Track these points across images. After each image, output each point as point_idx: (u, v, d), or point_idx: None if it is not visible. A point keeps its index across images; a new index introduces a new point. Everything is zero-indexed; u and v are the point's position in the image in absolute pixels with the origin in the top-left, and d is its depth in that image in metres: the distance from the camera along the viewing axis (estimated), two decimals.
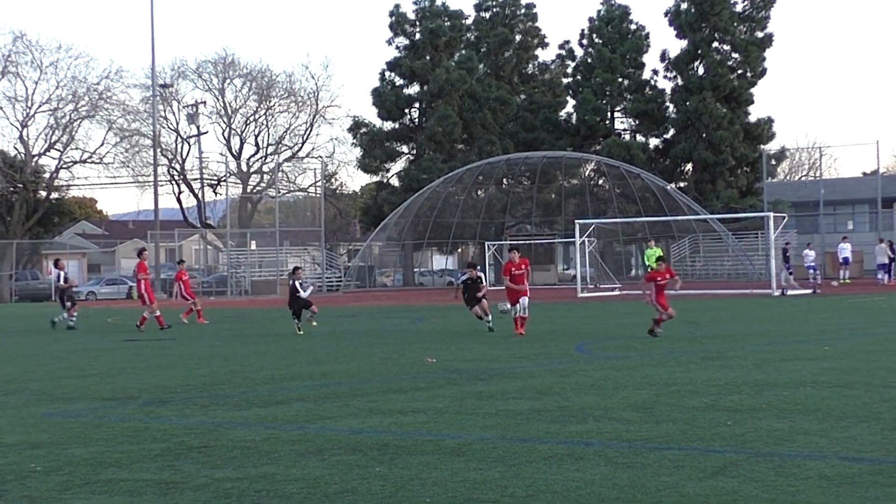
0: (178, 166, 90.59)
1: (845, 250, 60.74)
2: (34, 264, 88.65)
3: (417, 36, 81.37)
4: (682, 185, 76.58)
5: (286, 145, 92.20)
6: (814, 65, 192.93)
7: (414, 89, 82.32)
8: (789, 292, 47.61)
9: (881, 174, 79.41)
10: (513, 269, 25.66)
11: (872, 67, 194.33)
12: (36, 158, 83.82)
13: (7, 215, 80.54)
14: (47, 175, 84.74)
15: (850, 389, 14.16)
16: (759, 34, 77.35)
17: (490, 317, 26.87)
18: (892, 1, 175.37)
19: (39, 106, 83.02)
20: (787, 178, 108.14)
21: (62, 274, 35.35)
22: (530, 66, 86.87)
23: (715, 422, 11.77)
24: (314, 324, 31.25)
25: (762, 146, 77.14)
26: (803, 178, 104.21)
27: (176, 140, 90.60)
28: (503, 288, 26.64)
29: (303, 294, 29.28)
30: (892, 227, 71.84)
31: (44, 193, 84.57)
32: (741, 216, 65.66)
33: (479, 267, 29.61)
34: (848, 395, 13.59)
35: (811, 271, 53.11)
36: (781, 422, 11.67)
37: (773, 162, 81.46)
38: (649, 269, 45.47)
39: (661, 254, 46.00)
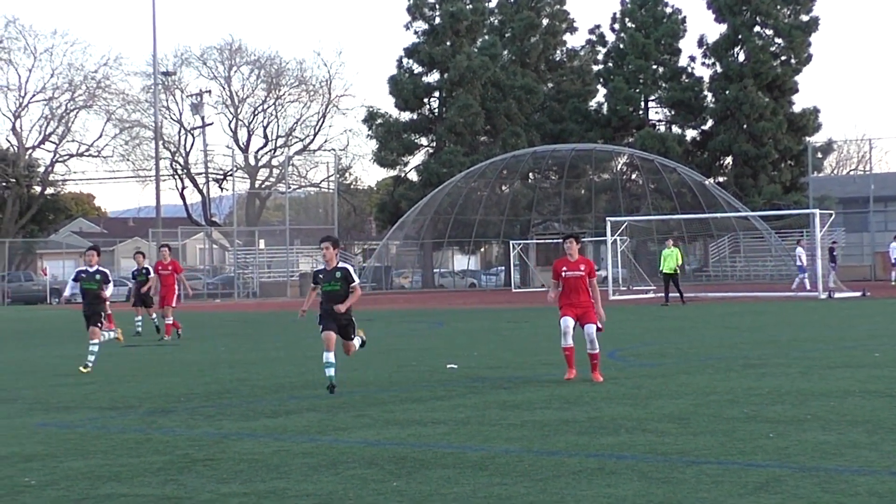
0: (181, 160, 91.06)
1: None
2: (28, 264, 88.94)
3: (437, 20, 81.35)
4: (721, 179, 76.40)
5: (297, 137, 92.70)
6: (863, 51, 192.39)
7: (433, 77, 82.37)
8: (836, 294, 47.45)
9: None
10: (562, 267, 17.42)
11: None
12: (30, 151, 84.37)
13: (1, 211, 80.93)
14: (42, 169, 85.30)
15: None
16: (804, 17, 77.13)
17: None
18: None
19: (33, 95, 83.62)
20: (835, 172, 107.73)
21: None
22: (558, 52, 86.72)
23: (756, 434, 11.73)
24: None
25: (807, 138, 76.90)
26: (852, 173, 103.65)
27: (179, 132, 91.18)
28: (550, 300, 18.05)
29: None
30: None
31: (38, 189, 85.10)
32: (785, 213, 65.44)
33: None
34: None
35: (801, 274, 52.65)
36: (828, 434, 11.63)
37: (819, 155, 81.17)
38: (660, 272, 45.41)
39: (681, 256, 45.95)
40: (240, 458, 11.14)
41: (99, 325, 21.49)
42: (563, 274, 17.27)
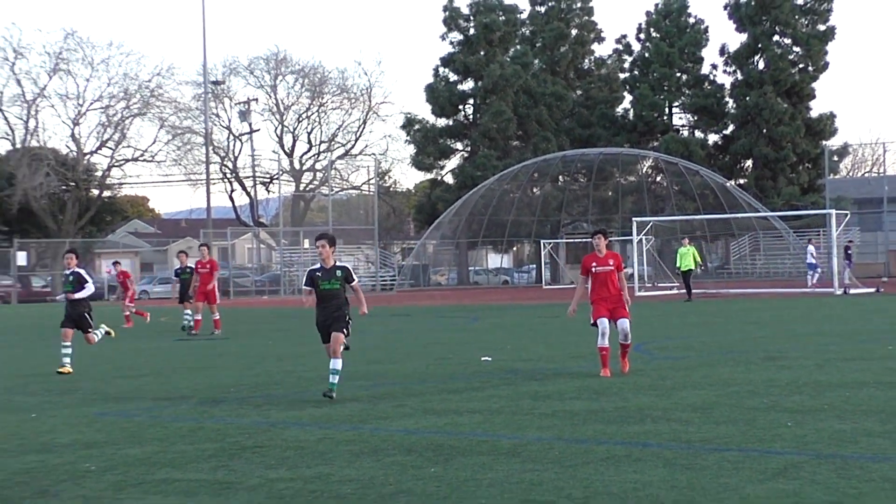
0: (230, 164, 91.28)
1: None
2: (87, 263, 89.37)
3: (471, 31, 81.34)
4: (741, 181, 76.09)
5: (339, 143, 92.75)
6: (878, 58, 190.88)
7: (468, 85, 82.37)
8: (851, 291, 47.20)
9: None
10: (592, 263, 17.09)
11: None
12: (88, 156, 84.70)
13: (59, 214, 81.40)
14: (99, 173, 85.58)
15: None
16: (822, 27, 76.79)
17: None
18: None
19: (91, 104, 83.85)
20: (850, 174, 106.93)
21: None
22: (586, 61, 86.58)
23: (775, 423, 11.70)
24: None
25: (824, 142, 76.53)
26: (866, 175, 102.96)
27: (228, 138, 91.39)
28: (581, 295, 17.58)
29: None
30: None
31: (96, 192, 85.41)
32: (802, 213, 65.11)
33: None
34: None
35: (811, 271, 52.49)
36: (844, 423, 11.59)
37: (836, 158, 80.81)
38: (678, 270, 45.27)
39: (696, 254, 45.80)
40: (287, 446, 11.19)
41: (89, 329, 20.84)
42: (594, 269, 17.03)
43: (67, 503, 8.86)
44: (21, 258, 74.59)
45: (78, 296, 20.37)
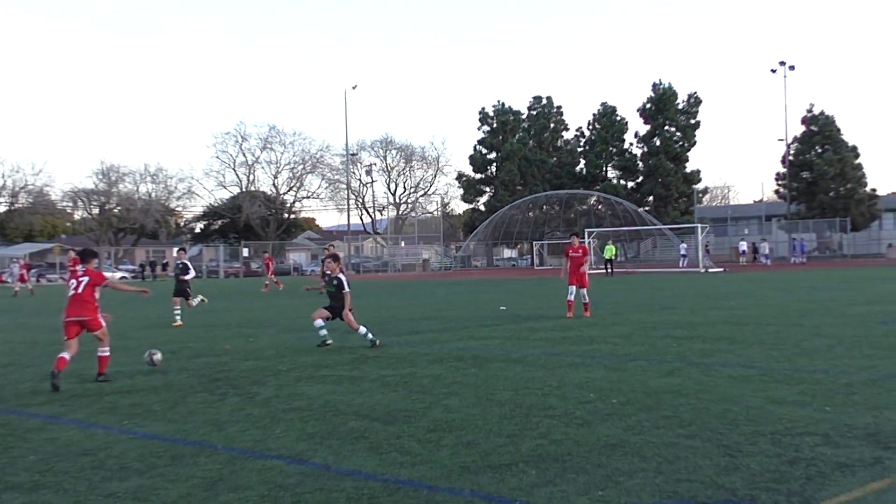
0: (360, 200, 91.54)
1: (744, 245, 60.24)
2: (280, 254, 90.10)
3: (494, 125, 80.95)
4: (647, 208, 75.11)
5: (421, 188, 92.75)
6: (727, 135, 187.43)
7: (492, 155, 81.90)
8: (710, 270, 46.57)
9: (765, 201, 78.29)
10: (570, 251, 17.01)
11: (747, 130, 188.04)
12: (282, 195, 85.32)
13: (266, 227, 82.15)
14: (288, 204, 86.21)
15: (744, 326, 13.83)
16: (693, 121, 75.58)
17: (363, 330, 12.43)
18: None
19: (283, 166, 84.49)
20: (709, 203, 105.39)
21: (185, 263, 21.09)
22: (559, 141, 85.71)
23: (667, 345, 11.58)
24: None
25: (694, 186, 75.42)
26: (718, 205, 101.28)
27: (359, 185, 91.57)
28: (565, 269, 17.21)
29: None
30: (770, 233, 70.44)
31: (286, 215, 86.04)
32: (682, 226, 64.41)
33: (339, 258, 13.09)
34: (744, 330, 13.27)
35: (682, 259, 52.44)
36: (706, 345, 11.44)
37: (700, 194, 79.49)
38: (604, 258, 45.45)
39: (615, 249, 45.95)
40: (391, 356, 11.21)
41: (189, 298, 18.23)
42: (570, 255, 16.97)
43: (269, 389, 8.93)
44: (245, 252, 75.39)
45: (185, 277, 18.39)
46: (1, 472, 5.77)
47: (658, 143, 75.57)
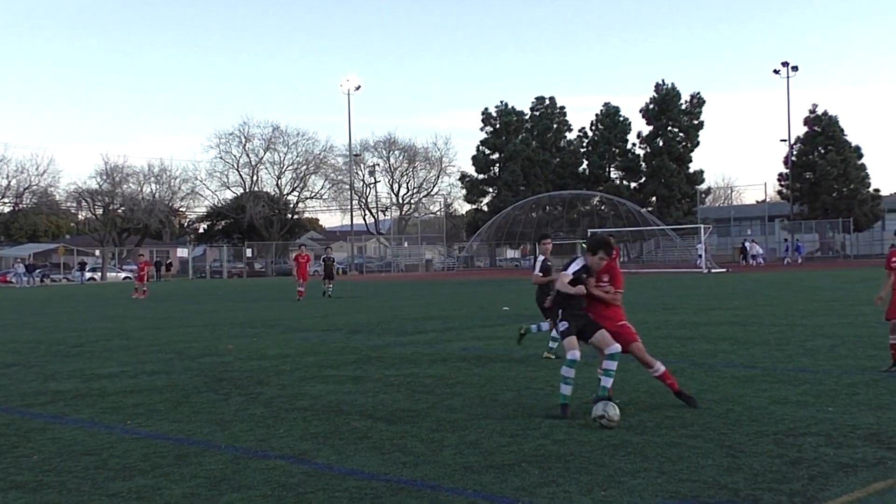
0: (363, 200, 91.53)
1: (754, 247, 60.53)
2: (283, 255, 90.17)
3: (497, 125, 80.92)
4: (650, 209, 75.01)
5: (424, 188, 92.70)
6: (730, 136, 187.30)
7: (495, 155, 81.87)
8: (713, 271, 46.53)
9: (767, 201, 78.42)
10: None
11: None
12: (285, 196, 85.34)
13: (269, 228, 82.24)
14: (291, 205, 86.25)
15: (750, 326, 13.82)
16: (696, 121, 75.49)
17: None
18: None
19: (286, 167, 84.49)
20: (712, 204, 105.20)
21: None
22: (562, 141, 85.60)
23: (669, 345, 11.57)
24: None
25: (697, 186, 75.37)
26: (721, 205, 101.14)
27: (362, 186, 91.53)
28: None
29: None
30: (773, 233, 70.56)
31: (289, 216, 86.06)
32: (685, 227, 64.36)
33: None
34: (748, 330, 13.25)
35: (699, 259, 52.28)
36: (709, 345, 11.43)
37: (703, 195, 79.42)
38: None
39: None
40: (394, 356, 11.21)
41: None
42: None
43: (273, 388, 8.94)
44: (248, 252, 75.47)
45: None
46: (5, 471, 5.78)
47: (661, 143, 75.48)
